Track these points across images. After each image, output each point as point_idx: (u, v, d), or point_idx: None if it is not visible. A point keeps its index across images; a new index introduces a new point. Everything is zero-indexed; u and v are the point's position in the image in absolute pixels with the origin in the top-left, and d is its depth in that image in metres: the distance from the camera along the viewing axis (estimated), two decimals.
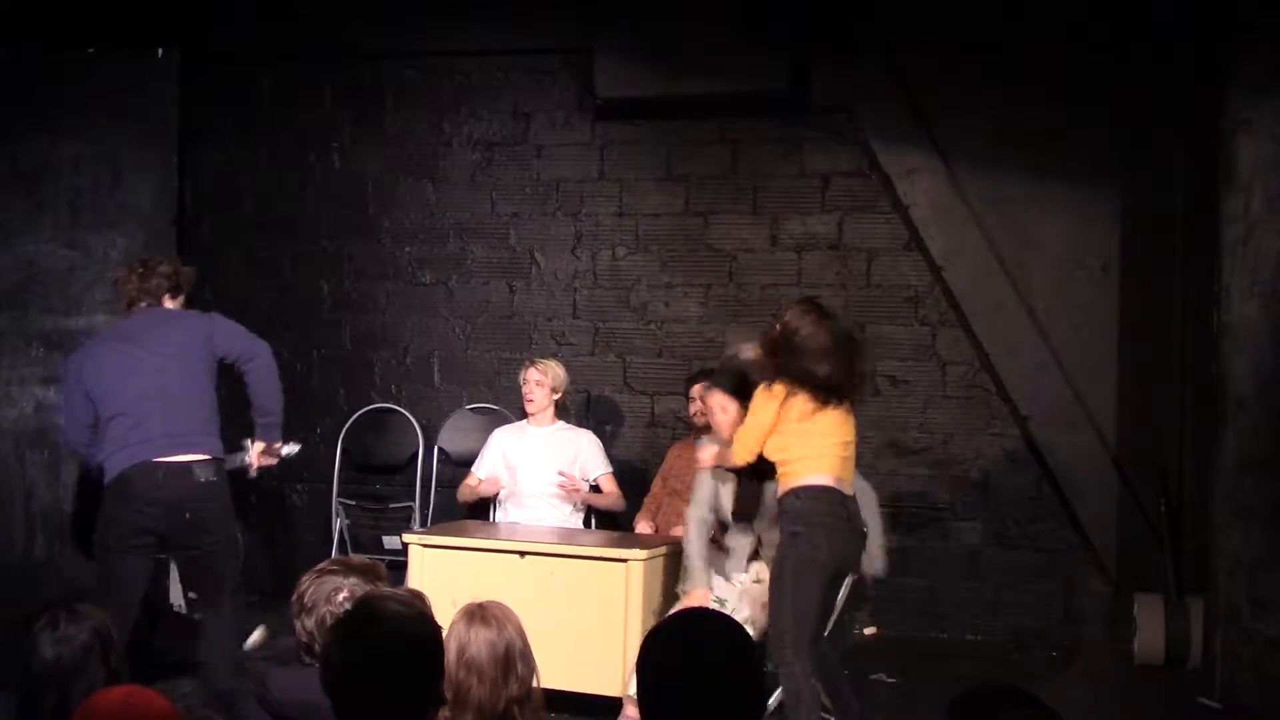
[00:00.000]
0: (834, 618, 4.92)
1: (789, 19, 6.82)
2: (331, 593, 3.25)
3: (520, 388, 6.44)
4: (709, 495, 5.22)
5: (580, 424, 6.92)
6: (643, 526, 6.22)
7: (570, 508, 6.29)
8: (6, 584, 6.41)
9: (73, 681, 3.15)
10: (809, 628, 4.56)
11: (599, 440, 6.53)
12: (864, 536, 4.82)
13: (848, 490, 4.74)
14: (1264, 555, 5.55)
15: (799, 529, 4.60)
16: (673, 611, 4.43)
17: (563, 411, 6.60)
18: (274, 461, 5.32)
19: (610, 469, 6.41)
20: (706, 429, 6.21)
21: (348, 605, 3.13)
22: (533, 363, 6.44)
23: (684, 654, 2.42)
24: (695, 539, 5.17)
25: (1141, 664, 6.30)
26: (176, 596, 6.87)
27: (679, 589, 5.23)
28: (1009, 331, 6.93)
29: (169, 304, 5.18)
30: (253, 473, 5.32)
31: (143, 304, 5.13)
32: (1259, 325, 5.60)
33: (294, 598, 3.29)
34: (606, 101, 7.16)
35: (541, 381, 6.33)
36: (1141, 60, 6.77)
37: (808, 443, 4.69)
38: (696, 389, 6.15)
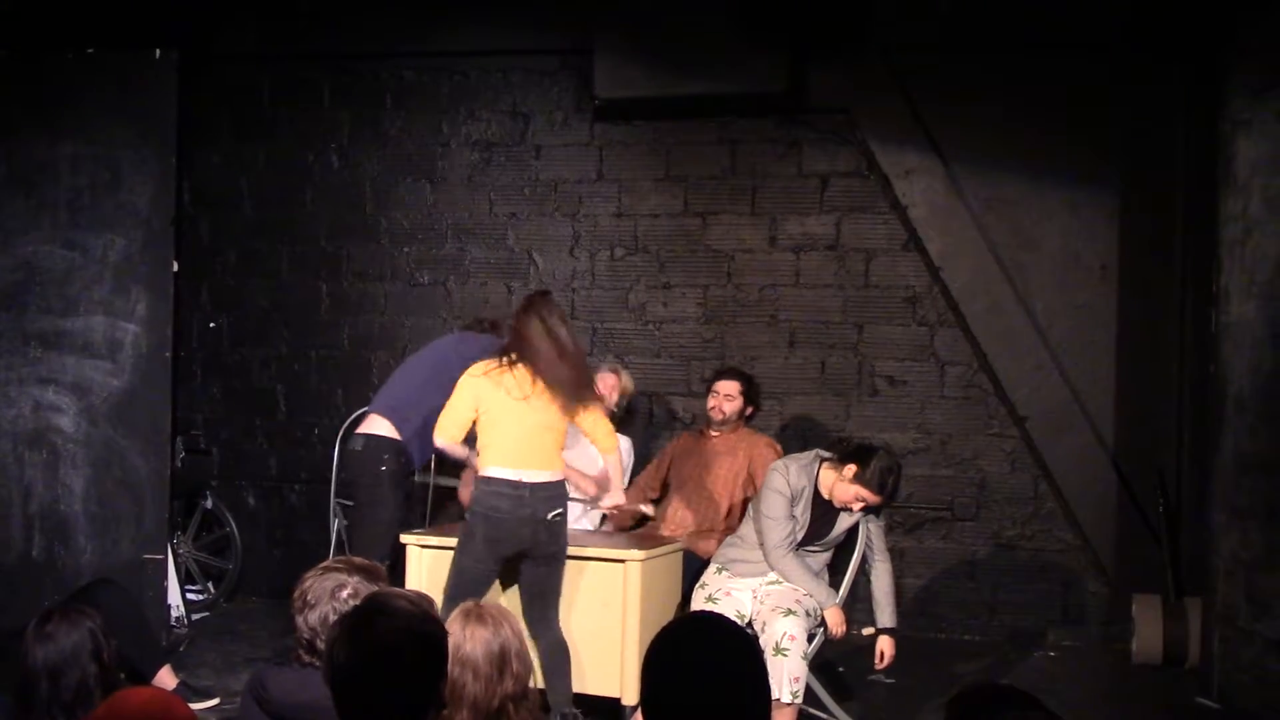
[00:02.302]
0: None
1: (787, 20, 6.83)
2: (335, 589, 3.25)
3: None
4: (784, 512, 5.22)
5: None
6: (611, 498, 5.90)
7: (581, 510, 6.24)
8: (4, 584, 6.41)
9: (62, 676, 3.24)
10: (451, 600, 4.80)
11: (631, 449, 6.51)
12: (545, 523, 4.93)
13: (532, 478, 4.91)
14: (1262, 556, 5.55)
15: (468, 516, 5.01)
16: (682, 616, 4.44)
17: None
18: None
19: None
20: (723, 424, 6.26)
21: (352, 602, 3.13)
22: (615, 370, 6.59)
23: (689, 659, 2.42)
24: (797, 564, 5.21)
25: (1139, 664, 6.31)
26: (174, 597, 6.89)
27: (814, 609, 5.20)
28: (1007, 332, 6.93)
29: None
30: None
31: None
32: (1257, 325, 5.60)
33: (296, 594, 3.29)
34: (605, 102, 7.17)
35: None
36: (1140, 61, 6.78)
37: (492, 435, 4.98)
38: (720, 384, 6.30)
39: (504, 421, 4.93)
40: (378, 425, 5.87)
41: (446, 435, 5.03)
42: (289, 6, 7.61)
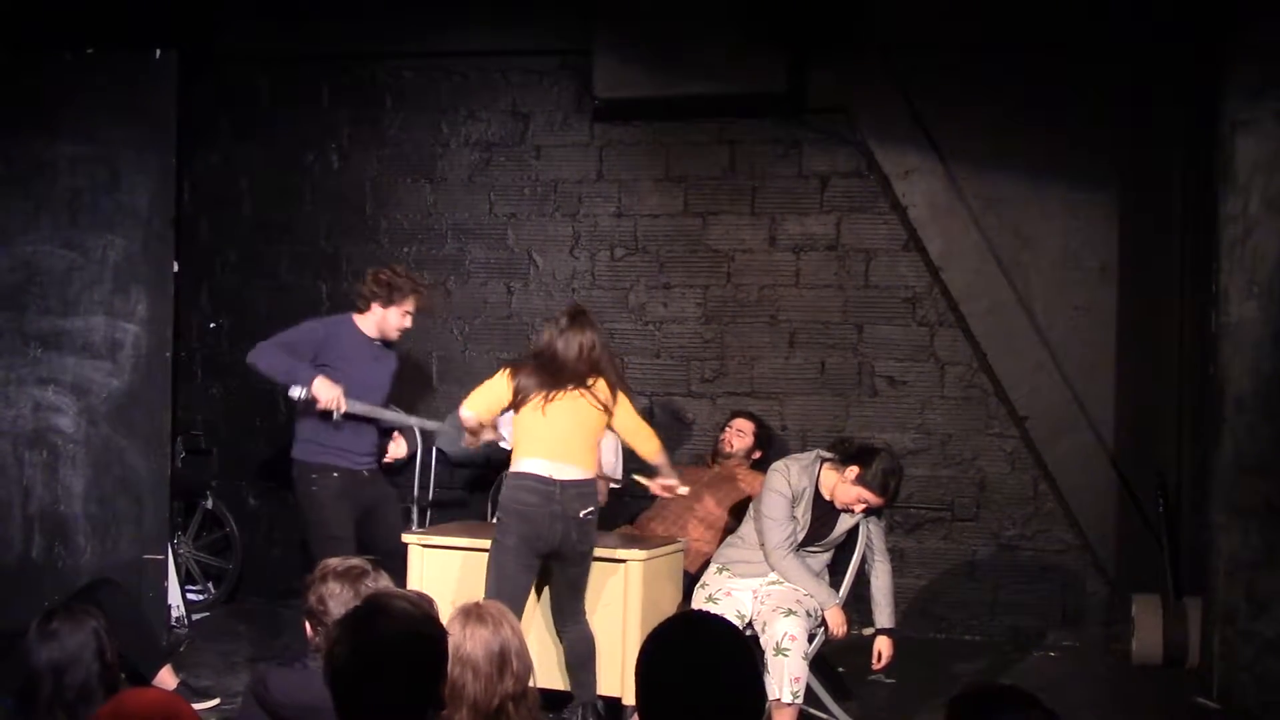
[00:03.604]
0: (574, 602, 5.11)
1: (787, 20, 6.82)
2: (357, 578, 3.30)
3: None
4: (785, 512, 5.22)
5: None
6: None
7: None
8: (4, 585, 6.41)
9: (66, 674, 3.27)
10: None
11: (618, 446, 6.50)
12: (576, 521, 4.95)
13: (563, 475, 4.94)
14: (1261, 556, 5.55)
15: (499, 516, 5.03)
16: (671, 615, 4.44)
17: None
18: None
19: (617, 478, 6.42)
20: (728, 457, 6.34)
21: (372, 586, 3.19)
22: None
23: (682, 657, 2.42)
24: (797, 565, 5.21)
25: (1139, 664, 6.30)
26: (175, 597, 6.89)
27: (815, 609, 5.18)
28: (1007, 332, 6.93)
29: (359, 314, 5.87)
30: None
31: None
32: (1257, 326, 5.61)
33: (315, 596, 3.31)
34: (605, 102, 7.17)
35: None
36: (1140, 61, 6.78)
37: (528, 431, 5.02)
38: (736, 421, 6.52)
39: (538, 419, 4.98)
40: (293, 449, 5.85)
41: (476, 411, 5.12)
42: (289, 7, 7.60)
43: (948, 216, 6.98)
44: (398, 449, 6.05)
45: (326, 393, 5.58)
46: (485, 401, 5.13)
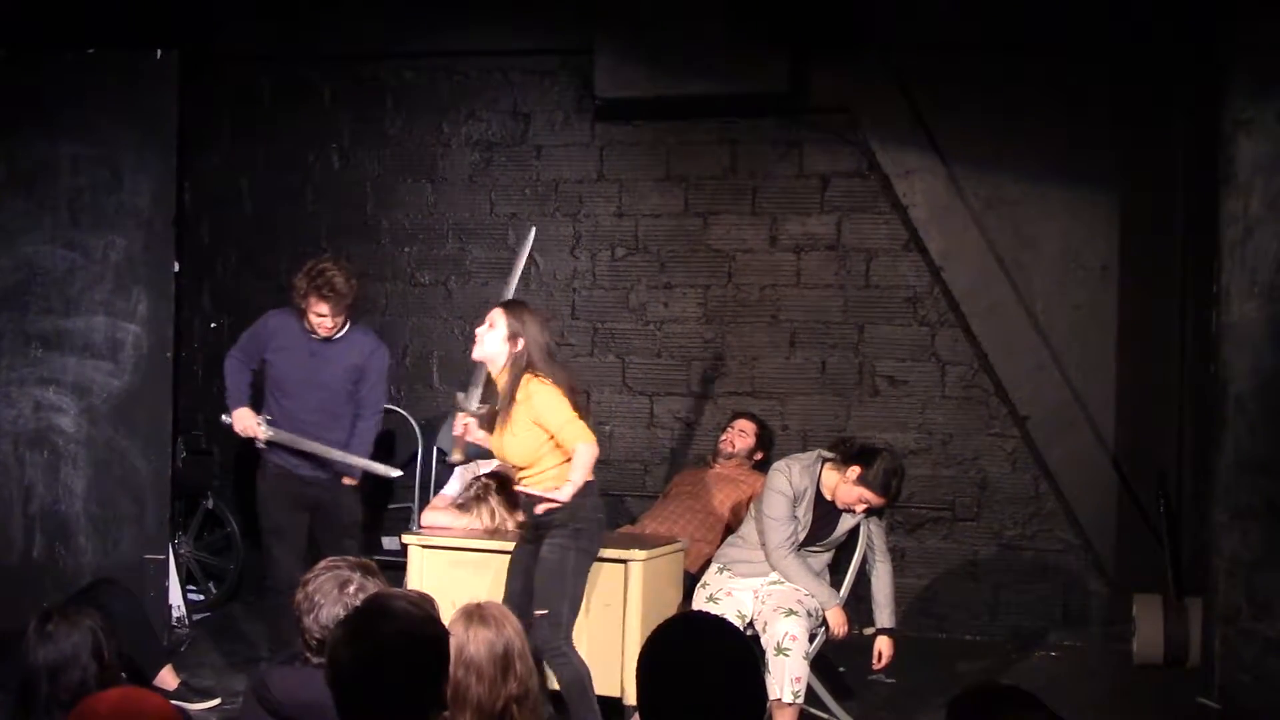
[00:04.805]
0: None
1: (788, 20, 6.83)
2: (342, 585, 3.27)
3: None
4: (787, 512, 5.21)
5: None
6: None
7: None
8: (5, 585, 6.41)
9: (61, 674, 3.29)
10: (577, 617, 4.86)
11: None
12: None
13: None
14: (1263, 555, 5.54)
15: (581, 525, 4.82)
16: (673, 615, 4.45)
17: None
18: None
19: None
20: (730, 458, 6.36)
21: (360, 596, 3.16)
22: None
23: (684, 657, 2.42)
24: (798, 565, 5.20)
25: (1140, 664, 6.31)
26: (176, 597, 6.89)
27: (816, 609, 5.18)
28: (1008, 332, 6.93)
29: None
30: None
31: None
32: (1258, 325, 5.60)
33: (299, 597, 3.29)
34: (606, 102, 7.17)
35: None
36: (1141, 61, 6.78)
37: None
38: (738, 422, 6.55)
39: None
40: None
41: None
42: (290, 6, 7.61)
43: (949, 216, 6.98)
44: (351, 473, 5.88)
45: (240, 424, 5.76)
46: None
